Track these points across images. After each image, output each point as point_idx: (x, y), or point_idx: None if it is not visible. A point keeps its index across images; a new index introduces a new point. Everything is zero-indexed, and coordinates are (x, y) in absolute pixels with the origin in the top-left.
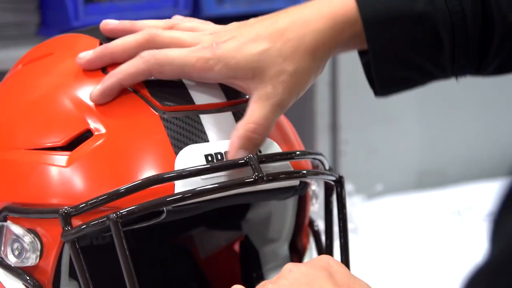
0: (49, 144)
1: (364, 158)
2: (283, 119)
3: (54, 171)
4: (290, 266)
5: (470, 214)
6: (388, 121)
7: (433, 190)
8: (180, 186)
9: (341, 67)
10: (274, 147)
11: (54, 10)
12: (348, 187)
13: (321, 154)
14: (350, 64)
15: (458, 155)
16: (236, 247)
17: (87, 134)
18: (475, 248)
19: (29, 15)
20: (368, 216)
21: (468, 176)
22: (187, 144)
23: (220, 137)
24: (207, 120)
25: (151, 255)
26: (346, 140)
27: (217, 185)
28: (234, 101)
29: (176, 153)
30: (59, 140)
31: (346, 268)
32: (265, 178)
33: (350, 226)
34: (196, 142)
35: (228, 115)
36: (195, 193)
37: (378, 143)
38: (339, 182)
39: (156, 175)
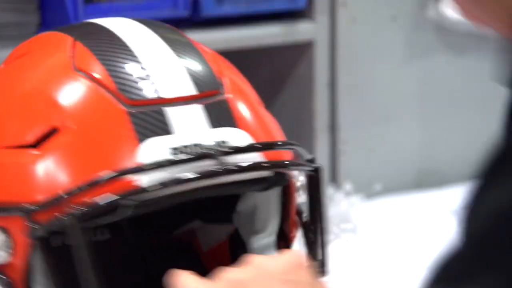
0: (21, 143)
1: (363, 158)
2: (265, 114)
3: (22, 169)
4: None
5: None
6: (387, 121)
7: (432, 190)
8: (145, 179)
9: (340, 67)
10: (245, 138)
11: (54, 10)
12: (347, 186)
13: (297, 144)
14: (349, 64)
15: (457, 155)
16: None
17: (54, 131)
18: None
19: (29, 15)
20: (367, 216)
21: (467, 176)
22: (149, 137)
23: (186, 130)
24: (173, 113)
25: (132, 251)
26: (345, 140)
27: (195, 175)
28: (205, 93)
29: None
30: (29, 139)
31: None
32: (231, 168)
33: (348, 226)
34: (159, 135)
35: (197, 107)
36: (169, 183)
37: (377, 143)
38: (316, 172)
39: (120, 169)
